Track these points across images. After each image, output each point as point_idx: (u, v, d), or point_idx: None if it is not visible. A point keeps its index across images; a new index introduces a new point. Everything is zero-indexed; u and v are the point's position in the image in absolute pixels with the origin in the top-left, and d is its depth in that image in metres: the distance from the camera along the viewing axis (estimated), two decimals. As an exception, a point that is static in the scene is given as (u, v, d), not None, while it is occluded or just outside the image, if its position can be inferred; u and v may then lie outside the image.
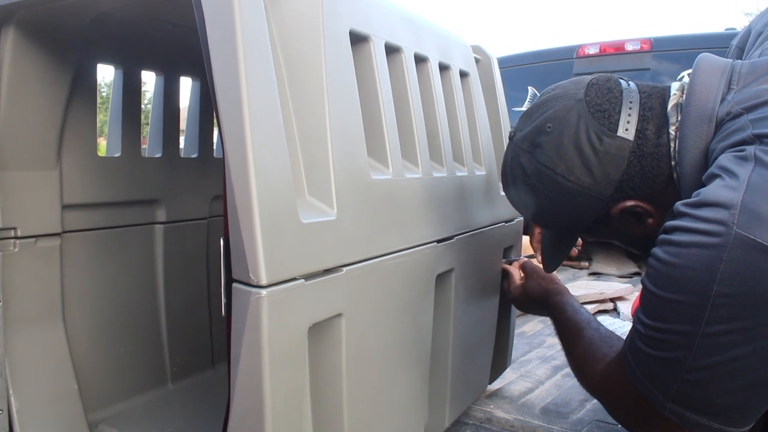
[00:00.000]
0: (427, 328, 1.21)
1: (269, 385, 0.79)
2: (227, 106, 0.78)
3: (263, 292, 0.77)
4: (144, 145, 1.65)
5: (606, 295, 2.68)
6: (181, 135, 1.73)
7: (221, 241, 0.81)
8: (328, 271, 0.89)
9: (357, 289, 0.96)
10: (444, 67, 1.33)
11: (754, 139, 0.82)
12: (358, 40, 1.03)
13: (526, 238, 1.65)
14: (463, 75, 1.44)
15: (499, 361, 1.69)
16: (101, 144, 1.67)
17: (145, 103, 2.22)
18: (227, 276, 0.81)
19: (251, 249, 0.76)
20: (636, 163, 0.97)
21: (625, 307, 2.59)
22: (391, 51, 1.12)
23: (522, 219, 1.67)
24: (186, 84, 1.70)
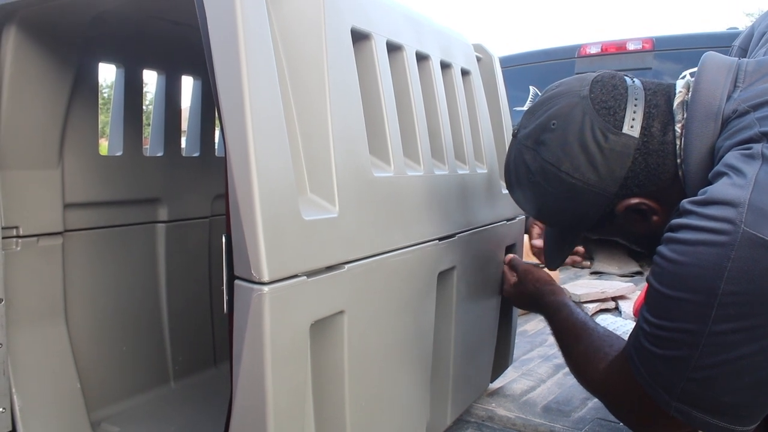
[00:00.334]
0: (428, 326, 1.21)
1: (271, 381, 0.79)
2: (229, 105, 0.78)
3: (265, 289, 0.77)
4: (146, 145, 1.65)
5: (607, 294, 2.68)
6: (183, 134, 1.73)
7: (223, 238, 0.81)
8: (330, 268, 0.89)
9: (359, 286, 0.96)
10: (445, 66, 1.33)
11: (761, 137, 0.82)
12: (359, 38, 1.03)
13: (526, 236, 1.65)
14: (465, 73, 1.44)
15: (501, 359, 1.69)
16: (102, 145, 1.67)
17: (146, 103, 2.22)
18: (229, 273, 0.81)
19: (253, 246, 0.77)
20: (641, 160, 0.96)
21: (627, 306, 2.58)
22: (392, 49, 1.12)
23: (523, 218, 1.67)
24: (187, 83, 1.70)
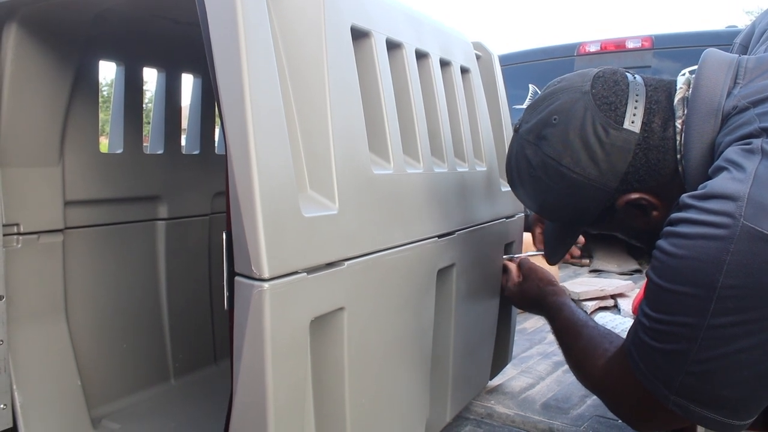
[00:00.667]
0: (428, 323, 1.21)
1: (272, 377, 0.80)
2: (230, 102, 0.78)
3: (265, 285, 0.78)
4: (146, 142, 1.65)
5: (606, 291, 2.68)
6: (183, 132, 1.74)
7: (224, 235, 0.82)
8: (330, 264, 0.90)
9: (359, 283, 0.96)
10: (445, 63, 1.34)
11: (761, 133, 0.82)
12: (359, 36, 1.03)
13: (527, 235, 1.66)
14: (464, 71, 1.44)
15: (500, 357, 1.69)
16: (102, 143, 1.67)
17: (146, 102, 2.22)
18: (230, 270, 0.81)
19: (254, 243, 0.77)
20: (642, 155, 0.97)
21: (626, 304, 2.59)
22: (392, 47, 1.12)
23: (523, 215, 1.68)
24: (187, 81, 1.71)
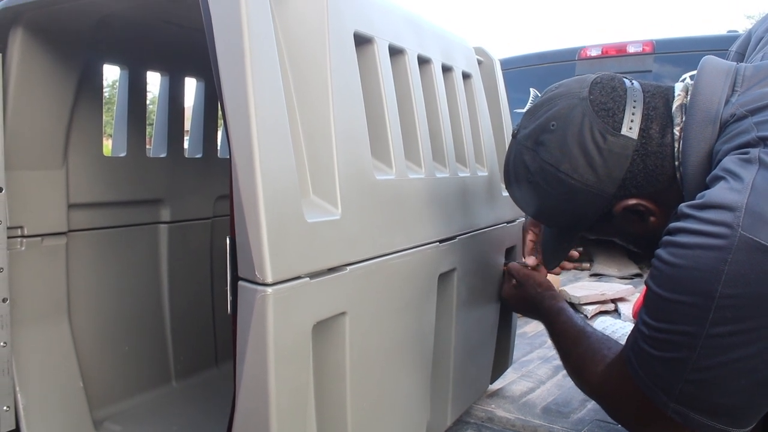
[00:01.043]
0: (429, 328, 1.21)
1: (274, 381, 0.80)
2: (234, 107, 0.79)
3: (269, 290, 0.78)
4: (149, 146, 1.66)
5: (607, 296, 2.69)
6: (186, 135, 1.74)
7: (227, 240, 0.82)
8: (333, 269, 0.90)
9: (361, 287, 0.97)
10: (447, 69, 1.34)
11: (759, 142, 0.83)
12: (362, 42, 1.04)
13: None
14: (466, 76, 1.45)
15: (501, 361, 1.70)
16: (105, 145, 1.68)
17: (148, 104, 2.23)
18: (233, 274, 0.82)
19: (257, 247, 0.78)
20: (639, 161, 0.97)
21: (626, 308, 2.59)
22: (394, 52, 1.13)
23: (524, 220, 1.68)
24: (191, 84, 1.71)
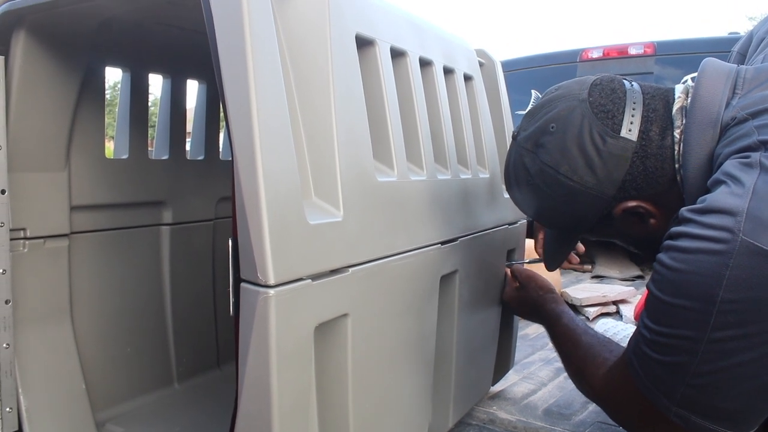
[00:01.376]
0: (431, 329, 1.22)
1: (276, 383, 0.80)
2: (236, 109, 0.79)
3: (271, 291, 0.78)
4: (151, 148, 1.66)
5: (608, 297, 2.68)
6: (188, 137, 1.75)
7: (230, 242, 0.83)
8: (335, 271, 0.90)
9: (363, 289, 0.97)
10: (448, 71, 1.35)
11: (760, 146, 0.83)
12: (363, 44, 1.04)
13: (529, 241, 1.66)
14: (467, 78, 1.45)
15: (502, 362, 1.70)
16: (107, 146, 1.68)
17: (149, 106, 2.23)
18: (235, 276, 0.82)
19: (259, 249, 0.78)
20: (639, 163, 0.97)
21: (628, 310, 2.59)
22: (396, 55, 1.13)
23: (525, 221, 1.68)
24: (192, 86, 1.72)
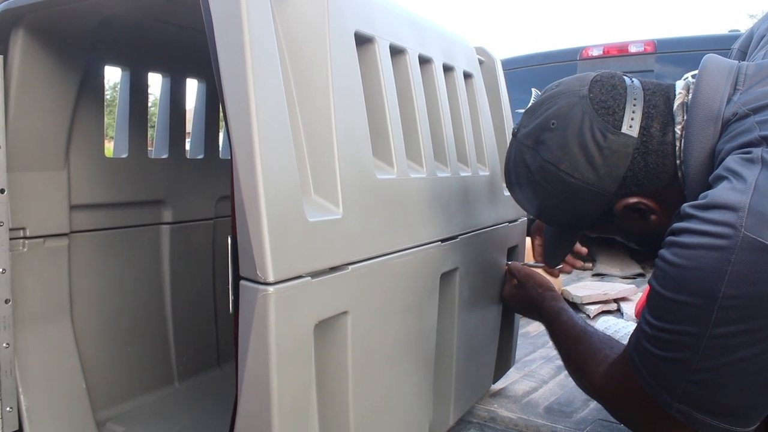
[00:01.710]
0: (431, 327, 1.21)
1: (276, 381, 0.80)
2: (235, 108, 0.79)
3: (270, 289, 0.78)
4: (150, 147, 1.66)
5: (609, 295, 2.68)
6: (187, 136, 1.75)
7: (229, 240, 0.82)
8: (334, 269, 0.90)
9: (362, 287, 0.97)
10: (448, 69, 1.34)
11: (761, 141, 0.82)
12: (363, 42, 1.04)
13: (529, 240, 1.66)
14: (467, 76, 1.45)
15: (503, 360, 1.70)
16: (106, 146, 1.68)
17: (149, 106, 2.23)
18: (235, 274, 0.82)
19: (258, 247, 0.78)
20: (640, 159, 0.97)
21: (629, 308, 2.59)
22: (395, 52, 1.13)
23: (526, 219, 1.68)
24: (192, 86, 1.72)
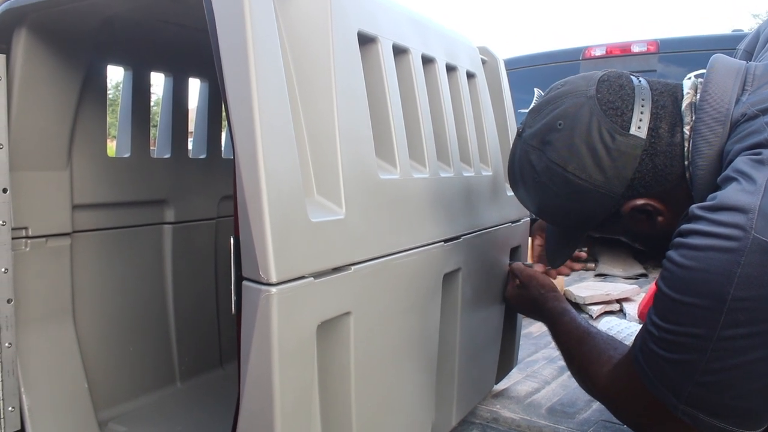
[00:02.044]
0: (434, 327, 1.21)
1: (279, 382, 0.80)
2: (238, 108, 0.79)
3: (273, 289, 0.78)
4: (153, 146, 1.66)
5: (612, 296, 2.68)
6: (190, 136, 1.74)
7: (232, 240, 0.82)
8: (337, 269, 0.90)
9: (365, 287, 0.96)
10: (451, 68, 1.34)
11: None
12: (366, 41, 1.04)
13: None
14: (470, 76, 1.45)
15: (506, 361, 1.69)
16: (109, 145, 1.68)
17: (152, 105, 2.23)
18: (237, 274, 0.82)
19: (261, 247, 0.77)
20: (648, 161, 0.96)
21: (632, 308, 2.58)
22: (398, 52, 1.13)
23: (528, 219, 1.68)
24: (194, 85, 1.71)
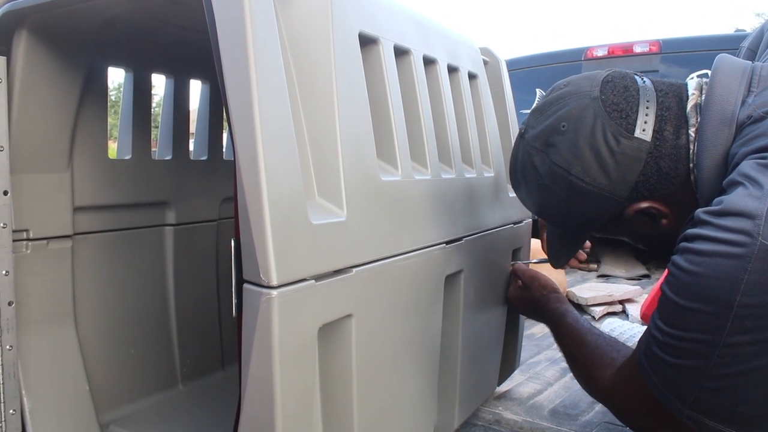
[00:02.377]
0: (436, 329, 1.21)
1: (280, 385, 0.80)
2: (238, 109, 0.79)
3: (274, 292, 0.78)
4: (154, 148, 1.66)
5: (614, 297, 2.67)
6: (191, 137, 1.74)
7: (232, 242, 0.82)
8: (338, 271, 0.90)
9: (367, 289, 0.96)
10: (452, 69, 1.34)
11: None
12: (367, 42, 1.03)
13: (535, 241, 1.65)
14: (472, 77, 1.44)
15: (508, 362, 1.69)
16: (110, 147, 1.68)
17: (153, 107, 2.23)
18: (238, 277, 0.81)
19: (262, 250, 0.77)
20: (653, 164, 0.95)
21: (634, 310, 2.58)
22: (400, 53, 1.13)
23: (530, 220, 1.67)
24: (196, 87, 1.71)
